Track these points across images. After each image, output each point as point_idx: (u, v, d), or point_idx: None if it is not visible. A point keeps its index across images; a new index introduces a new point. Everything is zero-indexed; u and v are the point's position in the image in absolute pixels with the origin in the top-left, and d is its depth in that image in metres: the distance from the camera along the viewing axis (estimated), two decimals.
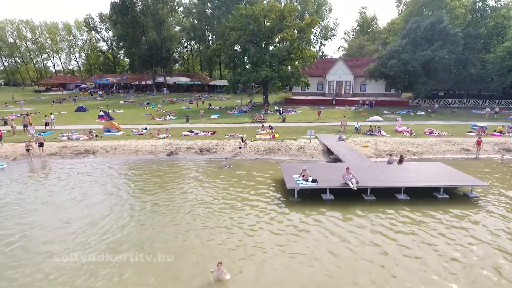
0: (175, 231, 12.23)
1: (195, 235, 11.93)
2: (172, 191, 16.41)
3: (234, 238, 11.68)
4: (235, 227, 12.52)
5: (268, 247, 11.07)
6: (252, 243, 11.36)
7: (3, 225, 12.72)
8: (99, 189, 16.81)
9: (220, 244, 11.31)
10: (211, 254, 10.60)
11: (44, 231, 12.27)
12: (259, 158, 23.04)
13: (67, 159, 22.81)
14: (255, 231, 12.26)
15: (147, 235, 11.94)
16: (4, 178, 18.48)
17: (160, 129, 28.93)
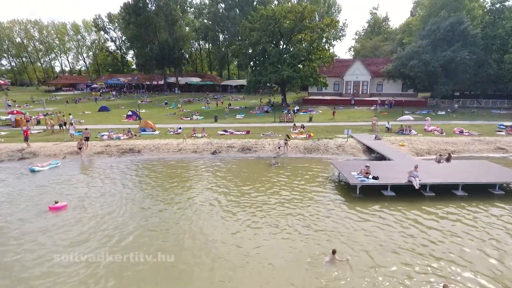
0: (261, 225, 12.79)
1: (278, 232, 12.51)
2: (238, 188, 16.99)
3: (321, 234, 12.24)
4: (312, 224, 13.08)
5: (357, 242, 11.64)
6: (342, 236, 11.93)
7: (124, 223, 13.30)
8: (170, 185, 17.41)
9: (307, 241, 11.88)
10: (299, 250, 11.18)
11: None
12: (302, 157, 23.63)
13: (115, 157, 23.36)
14: (330, 225, 12.83)
15: (238, 226, 12.52)
16: (74, 175, 19.02)
17: (196, 128, 29.46)
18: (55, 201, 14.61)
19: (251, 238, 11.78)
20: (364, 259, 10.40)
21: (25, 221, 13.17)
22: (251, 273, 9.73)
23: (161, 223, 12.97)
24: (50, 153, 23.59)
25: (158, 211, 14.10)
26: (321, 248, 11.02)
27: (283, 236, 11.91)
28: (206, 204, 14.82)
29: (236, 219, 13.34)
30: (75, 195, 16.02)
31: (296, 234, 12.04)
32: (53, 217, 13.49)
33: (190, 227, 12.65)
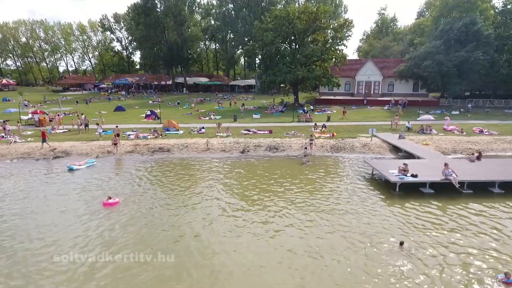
0: (313, 223, 13.22)
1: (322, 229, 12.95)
2: (279, 184, 17.42)
3: (370, 231, 12.67)
4: (361, 219, 13.51)
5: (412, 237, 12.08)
6: (396, 230, 12.37)
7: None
8: (214, 182, 17.84)
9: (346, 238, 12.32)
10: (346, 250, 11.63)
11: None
12: (330, 155, 24.07)
13: (147, 156, 23.78)
14: (378, 222, 13.27)
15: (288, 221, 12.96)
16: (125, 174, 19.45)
17: (221, 128, 29.86)
18: (108, 197, 15.04)
19: (307, 234, 12.20)
20: (425, 252, 10.83)
21: (82, 216, 13.57)
22: (323, 269, 10.16)
23: (225, 220, 13.39)
24: (82, 152, 23.99)
25: (210, 207, 14.52)
26: (381, 241, 11.46)
27: (339, 232, 12.31)
28: (261, 200, 15.29)
29: (288, 215, 13.76)
30: (122, 191, 16.43)
31: (350, 229, 12.46)
32: (110, 213, 13.89)
33: (252, 219, 13.08)
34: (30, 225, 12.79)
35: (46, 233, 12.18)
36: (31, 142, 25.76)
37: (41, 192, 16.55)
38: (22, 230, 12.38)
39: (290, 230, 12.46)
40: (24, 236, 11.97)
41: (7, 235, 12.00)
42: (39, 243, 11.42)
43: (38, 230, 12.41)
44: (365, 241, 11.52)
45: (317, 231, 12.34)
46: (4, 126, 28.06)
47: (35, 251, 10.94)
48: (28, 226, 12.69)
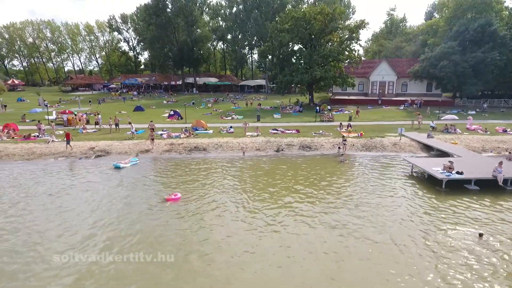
0: (365, 220, 13.80)
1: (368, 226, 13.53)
2: (327, 182, 17.98)
3: (423, 226, 13.24)
4: (414, 215, 14.09)
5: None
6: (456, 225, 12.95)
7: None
8: (262, 179, 18.39)
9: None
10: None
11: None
12: (363, 154, 24.63)
13: (185, 154, 24.33)
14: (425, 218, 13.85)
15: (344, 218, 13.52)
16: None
17: (249, 127, 30.41)
18: (170, 193, 15.61)
19: (382, 226, 12.78)
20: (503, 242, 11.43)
21: (152, 211, 14.12)
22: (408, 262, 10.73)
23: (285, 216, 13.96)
24: (121, 151, 24.52)
25: (267, 203, 15.08)
26: (457, 234, 12.04)
27: (397, 229, 12.85)
28: (320, 196, 15.86)
29: (339, 211, 14.34)
30: (177, 188, 16.97)
31: (407, 226, 13.01)
32: (176, 207, 14.45)
33: (314, 213, 13.64)
34: (104, 218, 13.32)
35: (119, 224, 12.71)
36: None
37: (101, 187, 17.16)
38: (96, 220, 12.92)
39: (359, 227, 13.00)
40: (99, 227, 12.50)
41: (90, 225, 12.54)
42: (118, 233, 11.97)
43: (117, 220, 12.95)
44: (438, 233, 12.07)
45: (393, 226, 12.87)
46: (39, 126, 28.59)
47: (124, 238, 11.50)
48: (99, 218, 13.22)
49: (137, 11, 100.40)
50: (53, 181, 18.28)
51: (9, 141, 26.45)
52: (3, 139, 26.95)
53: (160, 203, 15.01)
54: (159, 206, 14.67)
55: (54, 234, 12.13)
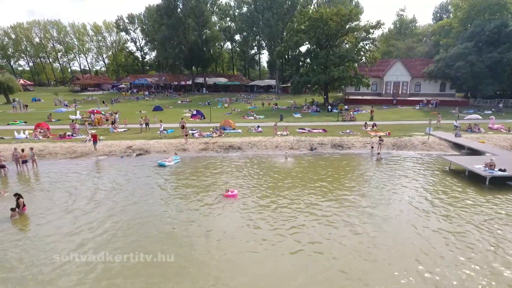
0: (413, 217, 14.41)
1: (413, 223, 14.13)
2: (373, 179, 18.59)
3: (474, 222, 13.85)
4: (464, 211, 14.69)
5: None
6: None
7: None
8: (313, 175, 18.98)
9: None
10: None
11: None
12: (395, 153, 25.21)
13: (222, 153, 24.89)
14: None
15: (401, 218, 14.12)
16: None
17: (278, 127, 30.99)
18: (227, 190, 16.18)
19: (428, 226, 13.39)
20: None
21: (213, 207, 14.70)
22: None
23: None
24: (159, 149, 25.08)
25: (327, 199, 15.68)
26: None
27: (448, 226, 13.40)
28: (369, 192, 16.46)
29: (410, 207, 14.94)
30: (227, 184, 17.56)
31: (456, 223, 13.61)
32: (237, 203, 15.03)
33: (365, 210, 14.25)
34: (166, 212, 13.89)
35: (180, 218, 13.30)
36: (103, 141, 26.71)
37: (157, 184, 17.76)
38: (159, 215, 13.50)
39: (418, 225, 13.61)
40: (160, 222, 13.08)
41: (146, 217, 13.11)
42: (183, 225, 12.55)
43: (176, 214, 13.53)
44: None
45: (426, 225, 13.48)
46: (73, 126, 29.12)
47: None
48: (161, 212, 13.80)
49: (146, 11, 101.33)
50: (113, 178, 18.97)
51: (45, 140, 26.97)
52: (39, 138, 27.47)
53: (217, 200, 15.57)
54: (218, 201, 15.23)
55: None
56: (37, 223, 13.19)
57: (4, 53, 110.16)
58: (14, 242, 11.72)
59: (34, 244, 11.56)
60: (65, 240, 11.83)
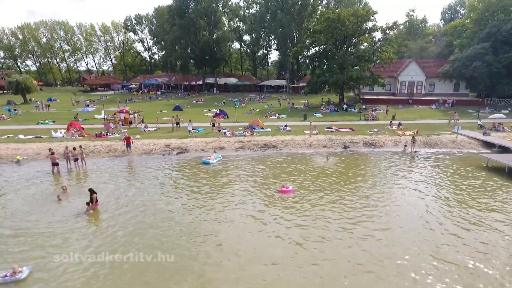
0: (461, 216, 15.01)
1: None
2: (420, 177, 19.20)
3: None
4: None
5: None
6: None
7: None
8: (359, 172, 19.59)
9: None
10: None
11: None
12: (429, 151, 25.77)
13: (259, 151, 25.48)
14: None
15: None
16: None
17: (305, 126, 31.60)
18: (282, 185, 16.77)
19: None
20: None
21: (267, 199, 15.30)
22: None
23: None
24: (197, 148, 25.65)
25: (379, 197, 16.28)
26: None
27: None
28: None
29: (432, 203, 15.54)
30: (273, 180, 18.14)
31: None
32: (294, 199, 15.63)
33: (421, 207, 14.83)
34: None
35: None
36: (140, 139, 27.25)
37: (215, 180, 18.41)
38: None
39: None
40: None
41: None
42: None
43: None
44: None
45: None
46: (108, 125, 29.68)
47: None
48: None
49: (155, 12, 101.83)
50: (169, 174, 19.75)
51: (82, 139, 27.49)
52: (76, 137, 28.02)
53: (271, 195, 16.18)
54: (275, 197, 15.84)
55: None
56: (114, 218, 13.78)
57: (11, 53, 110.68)
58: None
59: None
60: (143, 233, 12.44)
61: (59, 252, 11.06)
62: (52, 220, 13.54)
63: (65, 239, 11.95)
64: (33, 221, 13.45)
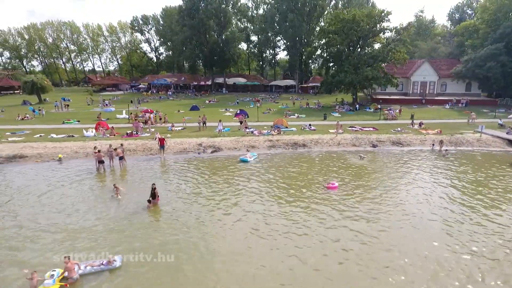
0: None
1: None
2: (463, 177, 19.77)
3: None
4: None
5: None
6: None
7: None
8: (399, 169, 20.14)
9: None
10: None
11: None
12: (457, 150, 26.29)
13: (290, 149, 26.03)
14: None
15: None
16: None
17: (329, 125, 32.13)
18: (328, 182, 17.34)
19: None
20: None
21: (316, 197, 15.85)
22: None
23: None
24: (229, 146, 26.14)
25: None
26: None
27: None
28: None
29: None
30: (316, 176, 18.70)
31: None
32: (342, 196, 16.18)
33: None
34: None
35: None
36: (171, 138, 27.71)
37: (260, 176, 18.98)
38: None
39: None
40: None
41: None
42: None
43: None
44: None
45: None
46: (137, 125, 30.17)
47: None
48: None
49: (162, 12, 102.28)
50: (216, 171, 20.43)
51: (114, 138, 27.97)
52: (107, 136, 28.51)
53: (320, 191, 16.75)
54: (323, 193, 16.42)
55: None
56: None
57: (17, 53, 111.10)
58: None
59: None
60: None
61: (140, 243, 11.61)
62: (115, 216, 14.09)
63: (134, 232, 12.50)
64: (103, 218, 13.97)
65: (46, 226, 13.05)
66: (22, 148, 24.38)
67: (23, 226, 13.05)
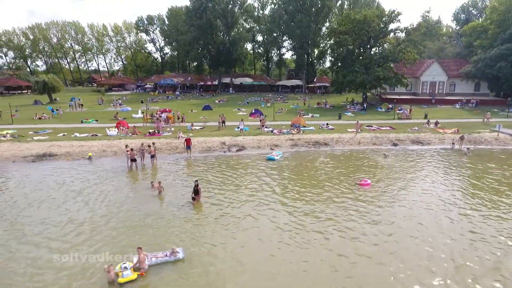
0: None
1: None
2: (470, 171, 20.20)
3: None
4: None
5: None
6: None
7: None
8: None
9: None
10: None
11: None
12: (478, 148, 26.67)
13: (313, 148, 26.44)
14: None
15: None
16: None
17: (346, 124, 32.54)
18: (360, 179, 17.76)
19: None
20: None
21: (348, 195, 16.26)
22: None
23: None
24: (253, 145, 26.54)
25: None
26: None
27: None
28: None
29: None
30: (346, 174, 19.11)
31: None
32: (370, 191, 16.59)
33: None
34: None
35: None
36: (194, 137, 28.01)
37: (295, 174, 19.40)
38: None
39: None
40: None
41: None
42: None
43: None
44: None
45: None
46: (159, 124, 30.55)
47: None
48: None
49: (168, 12, 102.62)
50: (250, 170, 20.68)
51: (137, 137, 28.35)
52: (130, 135, 28.89)
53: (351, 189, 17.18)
54: (356, 190, 16.86)
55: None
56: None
57: (22, 53, 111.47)
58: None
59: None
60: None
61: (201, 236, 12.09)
62: (162, 211, 14.50)
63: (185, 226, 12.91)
64: (151, 214, 14.35)
65: (100, 220, 13.48)
66: (50, 147, 24.76)
67: (84, 222, 13.40)
